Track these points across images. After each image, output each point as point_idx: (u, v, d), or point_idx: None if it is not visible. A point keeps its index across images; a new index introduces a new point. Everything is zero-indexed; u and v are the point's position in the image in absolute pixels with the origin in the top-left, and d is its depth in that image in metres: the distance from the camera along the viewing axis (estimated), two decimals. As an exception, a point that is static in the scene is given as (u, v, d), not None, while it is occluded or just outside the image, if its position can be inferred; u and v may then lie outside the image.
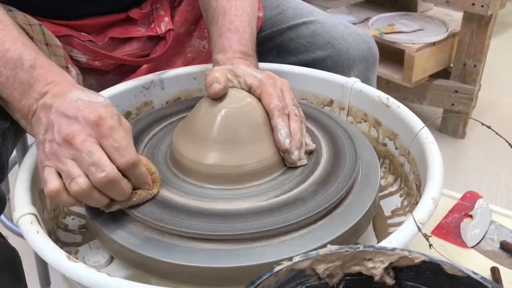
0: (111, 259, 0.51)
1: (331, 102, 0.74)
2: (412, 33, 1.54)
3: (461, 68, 1.55)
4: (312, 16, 0.78)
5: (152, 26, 0.74)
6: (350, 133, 0.61)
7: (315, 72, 0.74)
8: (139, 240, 0.48)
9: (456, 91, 1.57)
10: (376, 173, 0.58)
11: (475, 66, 1.52)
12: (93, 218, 0.50)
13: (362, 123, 0.71)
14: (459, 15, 1.56)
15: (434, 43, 1.51)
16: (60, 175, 0.45)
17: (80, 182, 0.44)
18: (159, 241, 0.48)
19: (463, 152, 1.60)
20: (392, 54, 1.54)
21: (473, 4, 1.41)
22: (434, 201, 0.49)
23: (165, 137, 0.61)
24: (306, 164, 0.55)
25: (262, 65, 0.70)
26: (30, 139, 0.92)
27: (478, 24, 1.47)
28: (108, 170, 0.44)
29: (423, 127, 0.57)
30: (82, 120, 0.45)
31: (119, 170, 0.45)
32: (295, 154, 0.53)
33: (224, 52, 0.62)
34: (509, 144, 0.45)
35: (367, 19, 1.66)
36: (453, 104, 1.59)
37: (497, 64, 2.01)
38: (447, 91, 1.58)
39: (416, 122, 0.61)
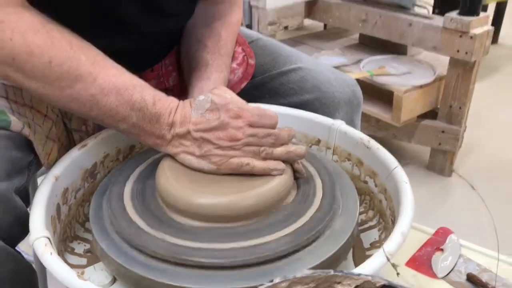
0: (114, 280, 0.57)
1: (318, 142, 0.81)
2: (401, 76, 1.63)
3: (448, 110, 1.63)
4: (301, 63, 0.86)
5: (161, 80, 0.82)
6: (330, 170, 0.68)
7: (305, 113, 0.81)
8: (140, 264, 0.54)
9: (443, 131, 1.65)
10: (355, 207, 0.64)
11: (460, 108, 1.61)
12: (98, 241, 0.57)
13: (346, 161, 0.78)
14: (447, 59, 1.65)
15: (421, 86, 1.60)
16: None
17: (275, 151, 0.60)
18: (159, 264, 0.54)
19: (448, 189, 1.67)
20: (382, 95, 1.63)
21: (458, 51, 1.51)
22: (403, 235, 0.55)
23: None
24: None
25: (257, 106, 0.77)
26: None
27: (463, 69, 1.56)
28: (276, 132, 0.60)
29: (396, 167, 0.64)
30: (227, 122, 0.58)
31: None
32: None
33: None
34: (483, 200, 0.52)
35: (359, 61, 1.75)
36: (440, 144, 1.66)
37: (485, 106, 2.11)
38: (434, 131, 1.66)
39: (392, 162, 0.68)
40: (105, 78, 0.58)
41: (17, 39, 0.54)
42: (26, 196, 0.62)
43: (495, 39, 2.78)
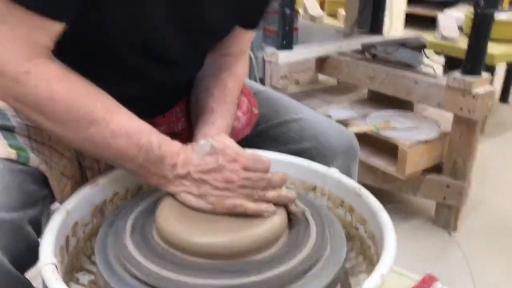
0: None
1: (314, 188, 0.85)
2: (406, 131, 1.68)
3: (452, 165, 1.67)
4: (301, 114, 0.92)
5: (171, 125, 0.89)
6: (322, 215, 0.73)
7: (302, 161, 0.86)
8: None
9: (447, 186, 1.67)
10: (342, 251, 0.68)
11: (464, 164, 1.64)
12: (102, 272, 0.61)
13: (340, 208, 0.82)
14: (451, 116, 1.70)
15: (426, 141, 1.64)
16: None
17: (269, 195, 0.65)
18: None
19: (452, 244, 1.68)
20: (388, 148, 1.68)
21: (461, 108, 1.56)
22: (382, 278, 0.58)
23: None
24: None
25: (258, 152, 0.83)
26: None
27: (466, 126, 1.61)
28: (269, 176, 0.65)
29: (379, 211, 0.68)
30: (224, 166, 0.64)
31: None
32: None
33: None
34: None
35: (366, 115, 1.82)
36: (445, 198, 1.69)
37: (493, 163, 2.13)
38: (439, 185, 1.69)
39: (380, 211, 0.72)
40: (117, 123, 0.65)
41: (42, 86, 0.61)
42: (39, 227, 0.67)
43: (505, 99, 2.83)
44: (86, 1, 0.63)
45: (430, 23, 4.57)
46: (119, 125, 0.65)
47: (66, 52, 0.65)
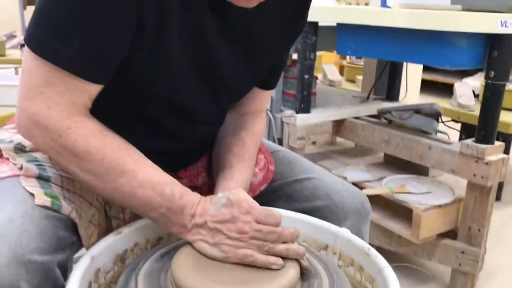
0: None
1: (326, 247, 0.89)
2: (421, 195, 1.71)
3: (467, 231, 1.67)
4: (315, 173, 0.97)
5: (192, 178, 0.96)
6: (332, 272, 0.76)
7: (314, 220, 0.90)
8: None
9: (463, 252, 1.67)
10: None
11: (479, 230, 1.65)
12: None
13: (350, 267, 0.85)
14: (466, 182, 1.72)
15: (440, 206, 1.66)
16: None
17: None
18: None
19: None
20: (403, 212, 1.70)
21: (474, 175, 1.59)
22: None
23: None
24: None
25: (266, 208, 0.88)
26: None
27: (480, 193, 1.63)
28: (279, 230, 0.70)
29: (385, 268, 0.71)
30: (238, 217, 0.69)
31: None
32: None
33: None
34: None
35: (382, 178, 1.85)
36: (460, 264, 1.68)
37: (509, 230, 2.12)
38: (454, 251, 1.69)
39: (386, 267, 0.75)
40: (143, 175, 0.72)
41: (80, 141, 0.69)
42: (65, 271, 0.72)
43: (522, 167, 2.83)
44: (119, 65, 0.71)
45: (446, 90, 4.67)
46: (146, 176, 0.72)
47: (99, 107, 0.73)
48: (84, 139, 0.69)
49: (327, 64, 3.59)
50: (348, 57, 4.04)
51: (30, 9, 5.20)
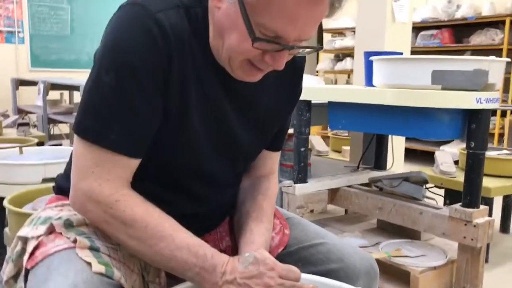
0: None
1: (343, 305, 0.98)
2: (416, 258, 1.81)
3: (462, 291, 1.77)
4: (327, 238, 1.08)
5: (216, 242, 1.06)
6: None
7: (332, 282, 1.00)
8: None
9: (459, 312, 1.75)
10: None
11: (473, 290, 1.74)
12: None
13: (366, 322, 0.95)
14: (456, 245, 1.84)
15: (435, 267, 1.77)
16: None
17: None
18: None
19: None
20: (400, 275, 1.80)
21: (464, 237, 1.72)
22: None
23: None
24: None
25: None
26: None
27: (471, 254, 1.74)
28: (299, 284, 0.82)
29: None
30: (264, 273, 0.80)
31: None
32: None
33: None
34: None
35: (377, 243, 1.96)
36: (458, 325, 1.76)
37: (500, 291, 2.21)
38: (451, 311, 1.77)
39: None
40: (180, 239, 0.84)
41: (127, 211, 0.82)
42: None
43: (505, 229, 2.97)
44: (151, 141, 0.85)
45: (426, 157, 4.90)
46: (182, 240, 0.84)
47: (137, 179, 0.86)
48: (131, 209, 0.82)
49: (314, 136, 3.78)
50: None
51: (22, 89, 5.38)
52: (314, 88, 2.00)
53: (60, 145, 3.37)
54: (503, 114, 4.66)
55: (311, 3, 0.76)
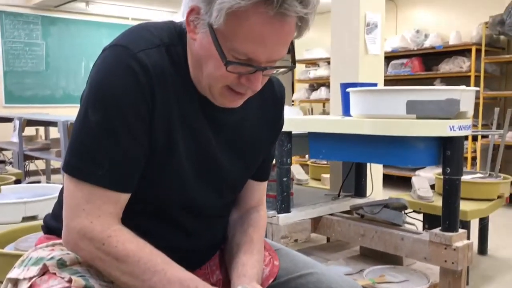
0: None
1: (334, 333, 1.00)
2: (400, 283, 1.85)
3: (445, 315, 1.80)
4: (316, 268, 1.10)
5: (207, 276, 1.07)
6: None
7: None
8: None
9: (444, 336, 1.78)
10: None
11: (456, 313, 1.78)
12: None
13: None
14: (437, 269, 1.88)
15: (419, 292, 1.80)
16: None
17: None
18: None
19: None
20: (385, 301, 1.82)
21: (445, 261, 1.76)
22: None
23: None
24: None
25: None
26: None
27: (452, 277, 1.79)
28: None
29: None
30: None
31: None
32: None
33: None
34: None
35: (361, 270, 1.99)
36: None
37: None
38: (436, 335, 1.80)
39: None
40: (172, 273, 0.85)
41: (120, 246, 0.83)
42: None
43: (483, 251, 3.04)
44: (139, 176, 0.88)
45: (402, 182, 5.00)
46: (174, 275, 0.85)
47: (127, 214, 0.88)
48: (123, 245, 0.83)
49: (294, 165, 3.82)
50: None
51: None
52: (294, 119, 2.05)
53: (39, 182, 3.33)
54: (475, 138, 4.81)
55: (276, 24, 0.79)
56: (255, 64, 0.84)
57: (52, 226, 1.00)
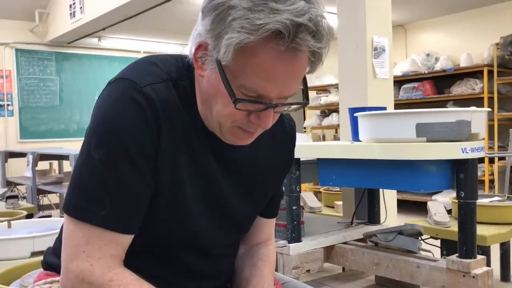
0: None
1: None
2: (418, 314, 1.77)
3: None
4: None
5: None
6: None
7: None
8: None
9: None
10: None
11: None
12: None
13: None
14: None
15: (438, 323, 1.72)
16: None
17: None
18: None
19: None
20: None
21: (464, 289, 1.68)
22: None
23: None
24: None
25: None
26: None
27: (473, 307, 1.70)
28: None
29: None
30: None
31: None
32: None
33: None
34: None
35: (377, 301, 1.91)
36: None
37: None
38: None
39: None
40: None
41: None
42: None
43: (506, 277, 2.92)
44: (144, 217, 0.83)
45: (418, 208, 4.89)
46: None
47: (131, 256, 0.83)
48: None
49: (307, 193, 3.77)
50: (323, 183, 4.25)
51: (11, 161, 5.37)
52: (302, 145, 2.02)
53: (50, 216, 3.32)
54: (491, 160, 4.71)
55: (287, 59, 0.75)
56: (266, 101, 0.79)
57: (52, 262, 0.97)
